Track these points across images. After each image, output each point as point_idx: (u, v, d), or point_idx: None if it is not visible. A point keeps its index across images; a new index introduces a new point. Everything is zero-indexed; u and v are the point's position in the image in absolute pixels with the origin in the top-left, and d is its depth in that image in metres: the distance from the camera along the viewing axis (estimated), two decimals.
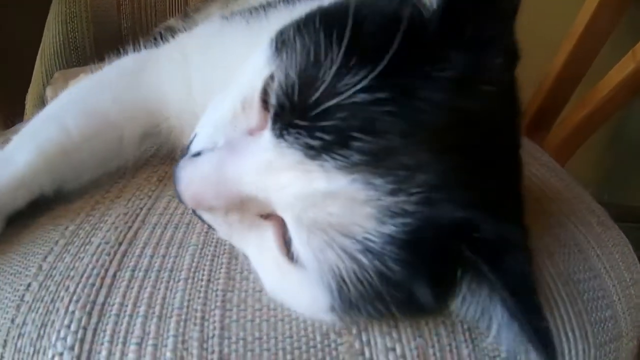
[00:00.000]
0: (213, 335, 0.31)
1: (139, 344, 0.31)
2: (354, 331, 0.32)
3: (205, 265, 0.36)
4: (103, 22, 0.79)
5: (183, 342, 0.31)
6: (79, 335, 0.32)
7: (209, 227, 0.34)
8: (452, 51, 0.26)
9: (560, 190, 0.53)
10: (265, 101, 0.28)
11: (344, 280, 0.26)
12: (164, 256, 0.37)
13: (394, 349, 0.32)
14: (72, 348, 0.32)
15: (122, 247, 0.38)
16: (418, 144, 0.24)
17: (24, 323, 0.34)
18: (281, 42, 0.28)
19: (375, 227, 0.24)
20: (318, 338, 0.32)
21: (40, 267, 0.37)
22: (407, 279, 0.26)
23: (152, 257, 0.37)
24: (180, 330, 0.32)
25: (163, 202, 0.42)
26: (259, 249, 0.31)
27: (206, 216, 0.32)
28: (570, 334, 0.35)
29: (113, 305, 0.34)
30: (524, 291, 0.25)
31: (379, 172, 0.24)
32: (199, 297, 0.33)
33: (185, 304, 0.33)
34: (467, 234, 0.25)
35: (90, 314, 0.33)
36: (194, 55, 0.42)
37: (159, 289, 0.34)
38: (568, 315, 0.36)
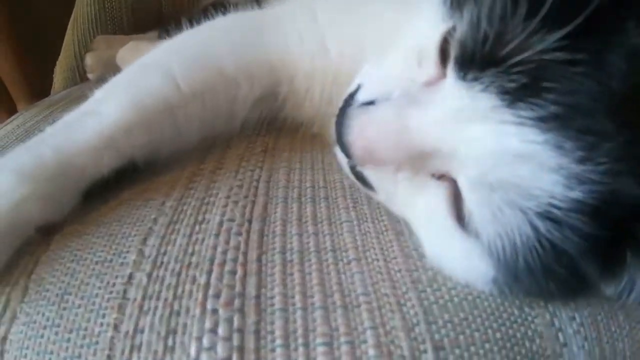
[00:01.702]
0: (418, 322, 0.25)
1: (329, 344, 0.24)
2: (542, 303, 0.28)
3: (372, 243, 0.29)
4: None
5: (386, 334, 0.24)
6: (235, 342, 0.23)
7: (365, 187, 0.30)
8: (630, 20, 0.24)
9: None
10: (443, 54, 0.27)
11: (514, 249, 0.24)
12: (315, 234, 0.29)
13: (574, 318, 0.28)
14: None
15: (255, 225, 0.29)
16: (605, 110, 0.23)
17: (137, 330, 0.24)
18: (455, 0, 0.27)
19: (562, 192, 0.23)
20: (516, 312, 0.27)
21: (140, 252, 0.28)
22: (581, 252, 0.24)
23: (300, 235, 0.29)
24: (377, 320, 0.25)
25: (281, 175, 0.34)
26: (426, 211, 0.28)
27: (370, 173, 0.29)
28: None
29: (273, 298, 0.25)
30: None
31: (569, 135, 0.23)
32: (383, 280, 0.27)
33: (370, 288, 0.26)
34: None
35: (242, 312, 0.25)
36: (326, 15, 0.37)
37: (329, 274, 0.27)
38: None
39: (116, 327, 0.24)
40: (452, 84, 0.25)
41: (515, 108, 0.23)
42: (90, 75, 0.66)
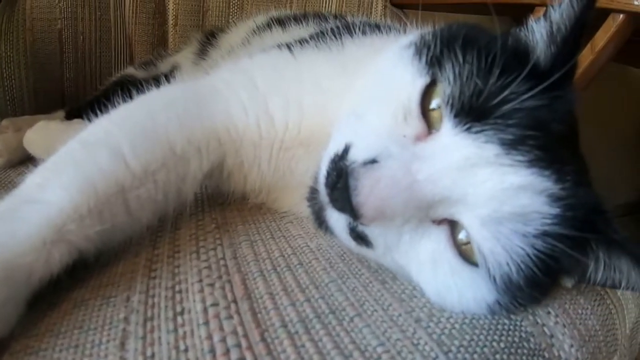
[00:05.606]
0: (437, 355, 0.25)
1: None
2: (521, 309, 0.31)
3: (364, 296, 0.29)
4: (44, 70, 0.68)
5: None
6: None
7: (360, 246, 0.30)
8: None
9: None
10: (422, 107, 0.29)
11: (517, 270, 0.27)
12: (308, 301, 0.27)
13: (549, 312, 0.32)
14: None
15: (243, 305, 0.26)
16: (564, 145, 0.29)
17: None
18: (433, 57, 0.30)
19: (548, 210, 0.27)
20: (507, 322, 0.30)
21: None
22: (562, 254, 0.27)
23: (293, 305, 0.27)
24: None
25: (244, 249, 0.31)
26: (431, 254, 0.29)
27: (373, 231, 0.29)
28: None
29: None
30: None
31: (546, 164, 0.27)
32: (390, 327, 0.26)
33: (383, 338, 0.25)
34: (601, 214, 0.29)
35: None
36: (266, 82, 0.37)
37: (338, 335, 0.25)
38: None
39: None
40: (453, 136, 0.27)
41: (512, 154, 0.27)
42: None
